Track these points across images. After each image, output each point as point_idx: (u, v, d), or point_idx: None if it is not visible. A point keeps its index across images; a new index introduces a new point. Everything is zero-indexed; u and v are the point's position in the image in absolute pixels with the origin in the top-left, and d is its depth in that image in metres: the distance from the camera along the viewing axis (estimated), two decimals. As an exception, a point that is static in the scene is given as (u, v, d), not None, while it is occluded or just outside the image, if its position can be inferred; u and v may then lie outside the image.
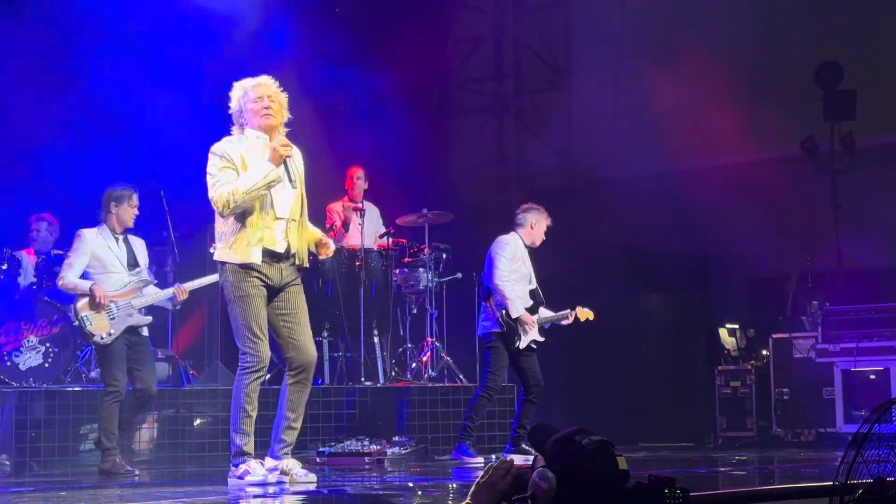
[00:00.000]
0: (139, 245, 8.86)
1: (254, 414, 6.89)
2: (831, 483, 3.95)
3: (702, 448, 11.85)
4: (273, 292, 6.93)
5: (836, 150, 12.82)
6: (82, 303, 8.39)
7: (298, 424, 7.07)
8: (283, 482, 6.81)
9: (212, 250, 7.07)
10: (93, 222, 8.72)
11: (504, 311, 9.28)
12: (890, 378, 11.06)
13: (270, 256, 6.86)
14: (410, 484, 7.28)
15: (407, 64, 13.65)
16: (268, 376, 7.38)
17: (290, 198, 6.95)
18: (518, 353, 9.35)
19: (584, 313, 9.71)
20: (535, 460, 3.94)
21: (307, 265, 7.15)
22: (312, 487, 6.72)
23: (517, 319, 9.27)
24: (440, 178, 13.24)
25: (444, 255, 11.48)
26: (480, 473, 3.88)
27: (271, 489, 6.58)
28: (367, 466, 8.78)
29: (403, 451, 9.44)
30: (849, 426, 10.95)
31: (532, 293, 9.52)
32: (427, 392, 10.49)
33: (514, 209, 9.84)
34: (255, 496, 6.35)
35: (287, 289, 6.98)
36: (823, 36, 12.75)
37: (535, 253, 9.67)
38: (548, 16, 15.17)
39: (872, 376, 11.23)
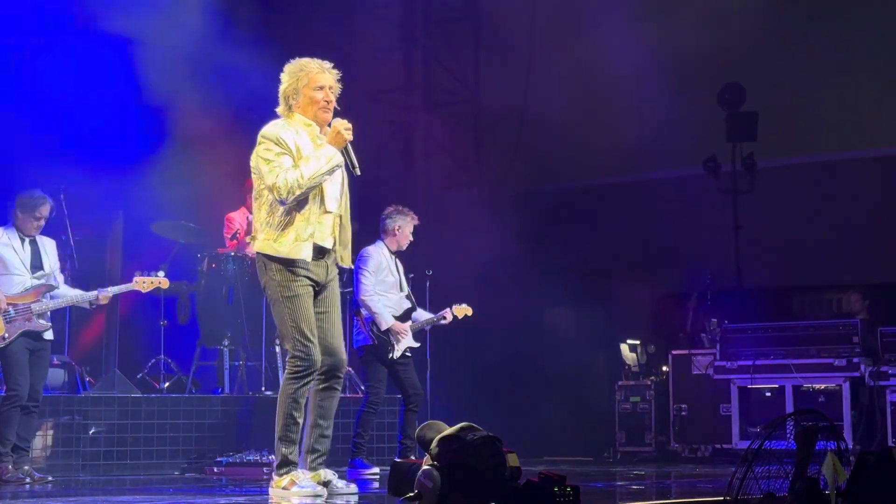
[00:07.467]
0: (49, 246, 8.69)
1: (301, 422, 6.47)
2: (723, 498, 4.00)
3: (601, 462, 11.94)
4: (317, 291, 6.60)
5: (737, 170, 13.03)
6: None
7: (330, 433, 6.67)
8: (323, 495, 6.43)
9: (248, 240, 6.70)
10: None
11: (374, 325, 9.28)
12: (785, 395, 11.24)
13: (318, 253, 6.52)
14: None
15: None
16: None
17: (338, 191, 6.62)
18: (394, 362, 9.32)
19: (462, 310, 9.71)
20: (423, 459, 3.91)
21: (349, 265, 6.90)
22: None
23: (388, 331, 9.26)
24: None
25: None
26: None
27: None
28: (265, 477, 8.69)
29: (303, 462, 9.34)
30: (744, 442, 11.07)
31: (405, 299, 9.51)
32: (328, 403, 10.40)
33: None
34: None
35: (327, 287, 6.64)
36: (727, 57, 12.94)
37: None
38: (457, 28, 15.22)
39: (768, 394, 11.41)
